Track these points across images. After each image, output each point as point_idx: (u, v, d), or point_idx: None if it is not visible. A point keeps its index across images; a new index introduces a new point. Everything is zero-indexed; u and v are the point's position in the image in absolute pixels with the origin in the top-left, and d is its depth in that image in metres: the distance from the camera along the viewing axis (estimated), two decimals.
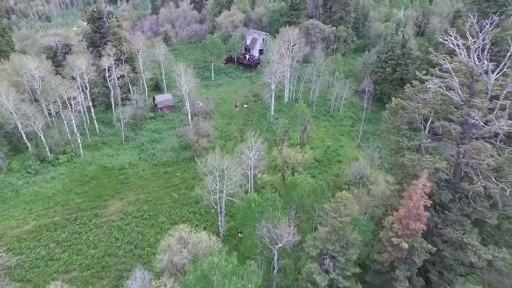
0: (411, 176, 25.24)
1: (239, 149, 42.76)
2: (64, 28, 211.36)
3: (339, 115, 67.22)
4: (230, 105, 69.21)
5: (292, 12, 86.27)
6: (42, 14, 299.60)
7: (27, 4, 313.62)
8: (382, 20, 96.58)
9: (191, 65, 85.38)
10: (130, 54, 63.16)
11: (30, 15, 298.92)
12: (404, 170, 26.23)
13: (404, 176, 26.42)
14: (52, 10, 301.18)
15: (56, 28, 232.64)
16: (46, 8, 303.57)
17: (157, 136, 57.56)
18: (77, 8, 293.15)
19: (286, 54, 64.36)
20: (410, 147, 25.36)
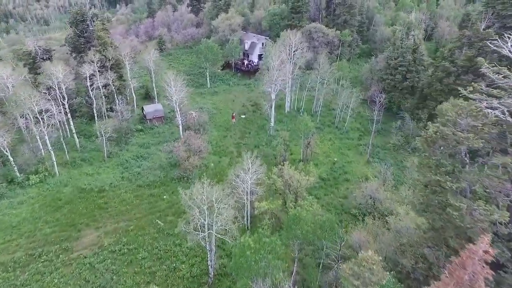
0: (454, 227, 18.92)
1: (233, 173, 36.38)
2: (61, 32, 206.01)
3: (345, 127, 60.87)
4: (226, 116, 62.88)
5: (293, 15, 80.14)
6: (40, 18, 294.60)
7: (26, 8, 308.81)
8: (388, 23, 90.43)
9: (185, 71, 79.50)
10: (117, 61, 56.94)
11: (28, 19, 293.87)
12: (444, 217, 19.80)
13: (444, 223, 20.00)
14: (50, 14, 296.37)
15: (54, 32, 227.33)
16: (44, 12, 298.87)
17: (144, 152, 51.18)
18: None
19: (288, 60, 58.17)
20: (455, 189, 18.89)
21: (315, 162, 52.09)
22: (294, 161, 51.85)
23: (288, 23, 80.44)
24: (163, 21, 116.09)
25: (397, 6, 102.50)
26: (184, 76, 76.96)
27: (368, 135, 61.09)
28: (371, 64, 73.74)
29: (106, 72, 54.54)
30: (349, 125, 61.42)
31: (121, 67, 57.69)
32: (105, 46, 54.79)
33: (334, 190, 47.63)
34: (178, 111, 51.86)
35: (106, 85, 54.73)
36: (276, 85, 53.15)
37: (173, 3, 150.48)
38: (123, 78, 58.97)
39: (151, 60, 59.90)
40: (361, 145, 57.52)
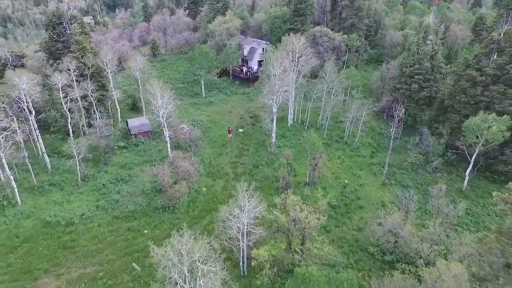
0: None
1: (226, 210, 28.92)
2: None
3: (355, 143, 53.44)
4: (222, 130, 55.45)
5: (296, 18, 73.04)
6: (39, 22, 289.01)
7: (25, 12, 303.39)
8: (398, 27, 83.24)
9: (178, 79, 72.19)
10: (98, 68, 49.69)
11: (27, 23, 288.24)
12: None
13: None
14: None
15: None
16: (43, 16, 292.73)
17: (126, 174, 43.75)
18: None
19: (291, 68, 50.88)
20: None
21: (323, 185, 44.71)
22: (298, 184, 44.51)
23: (291, 27, 73.40)
24: (159, 25, 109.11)
25: (405, 9, 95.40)
26: (178, 84, 70.19)
27: (381, 151, 53.69)
28: (382, 72, 66.46)
29: (85, 81, 47.29)
30: (360, 140, 54.02)
31: (103, 75, 50.41)
32: (84, 52, 47.56)
33: (346, 221, 40.12)
34: (166, 127, 44.52)
35: (85, 96, 47.45)
36: (278, 96, 45.80)
37: (171, 7, 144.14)
38: (105, 88, 51.66)
39: (137, 68, 52.59)
40: (375, 165, 50.04)
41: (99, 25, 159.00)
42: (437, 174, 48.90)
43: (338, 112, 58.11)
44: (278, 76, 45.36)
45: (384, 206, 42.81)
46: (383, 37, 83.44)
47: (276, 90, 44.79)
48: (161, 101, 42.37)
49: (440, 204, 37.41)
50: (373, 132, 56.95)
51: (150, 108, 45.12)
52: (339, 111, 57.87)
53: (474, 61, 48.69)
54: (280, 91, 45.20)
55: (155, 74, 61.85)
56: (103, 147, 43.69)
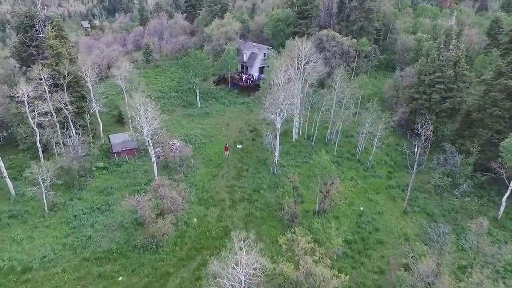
0: None
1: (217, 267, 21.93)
2: None
3: (369, 161, 46.48)
4: (218, 146, 48.53)
5: (300, 20, 66.34)
6: None
7: None
8: (409, 31, 76.42)
9: (172, 87, 65.26)
10: (76, 77, 42.95)
11: None
12: None
13: None
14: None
15: None
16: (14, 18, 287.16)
17: (103, 201, 36.79)
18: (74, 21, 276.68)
19: (296, 77, 44.03)
20: None
21: (335, 214, 37.71)
22: (306, 214, 37.52)
23: (294, 30, 66.72)
24: (155, 29, 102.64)
25: (416, 12, 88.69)
26: (171, 93, 63.35)
27: (399, 170, 46.69)
28: (395, 80, 59.55)
29: (59, 92, 40.54)
30: (374, 157, 47.05)
31: (81, 85, 43.63)
32: (58, 59, 40.81)
33: (364, 260, 33.06)
34: (151, 146, 37.66)
35: (60, 109, 40.66)
36: (283, 110, 38.88)
37: (169, 11, 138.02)
38: (85, 99, 44.83)
39: (121, 76, 45.77)
40: (393, 187, 42.99)
41: (95, 29, 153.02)
42: (465, 198, 41.87)
43: (349, 125, 51.15)
44: (282, 86, 38.50)
45: (408, 241, 35.82)
46: (393, 41, 76.68)
47: (280, 103, 37.88)
48: (145, 116, 35.53)
49: (480, 243, 30.47)
50: (388, 148, 49.95)
51: (135, 123, 38.26)
52: (349, 125, 50.90)
53: (508, 69, 41.79)
54: (284, 103, 38.29)
55: (144, 82, 54.98)
56: (75, 170, 36.72)
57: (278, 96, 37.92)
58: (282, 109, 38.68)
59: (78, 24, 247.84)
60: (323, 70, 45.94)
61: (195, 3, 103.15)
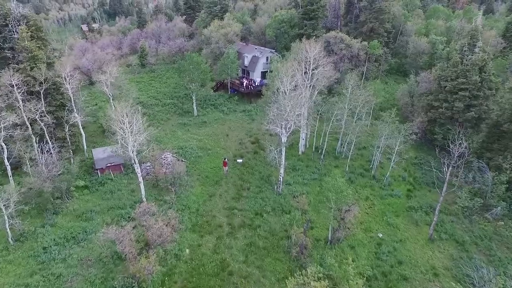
0: None
1: None
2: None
3: (386, 177, 40.95)
4: (216, 160, 43.12)
5: (305, 22, 61.07)
6: None
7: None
8: (421, 33, 71.11)
9: (167, 94, 59.93)
10: (55, 84, 37.67)
11: None
12: None
13: None
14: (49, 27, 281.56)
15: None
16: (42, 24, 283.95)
17: (81, 229, 31.29)
18: (74, 24, 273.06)
19: (303, 83, 38.63)
20: None
21: (350, 243, 32.15)
22: (317, 243, 31.94)
23: (300, 32, 61.45)
24: (153, 32, 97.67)
25: (427, 14, 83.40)
26: (166, 99, 58.03)
27: (419, 189, 41.11)
28: (410, 86, 54.15)
29: (35, 101, 35.26)
30: (391, 173, 41.52)
31: (61, 92, 38.30)
32: (34, 62, 35.56)
33: None
34: (137, 163, 32.30)
35: (34, 120, 35.35)
36: (290, 122, 33.45)
37: (169, 14, 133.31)
38: (67, 108, 39.50)
39: (107, 82, 40.42)
40: (414, 209, 37.35)
41: (93, 32, 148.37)
42: (498, 222, 36.25)
43: (360, 136, 45.64)
44: (289, 95, 33.10)
45: (438, 276, 30.18)
46: (404, 44, 71.30)
47: (286, 114, 32.46)
48: (130, 130, 30.17)
49: None
50: (406, 162, 44.41)
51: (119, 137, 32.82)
52: (362, 135, 45.42)
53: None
54: (291, 114, 32.87)
55: (136, 88, 49.62)
56: (50, 191, 31.28)
57: (285, 105, 32.51)
58: (289, 120, 33.25)
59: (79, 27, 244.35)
60: (334, 75, 40.45)
61: (194, 5, 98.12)
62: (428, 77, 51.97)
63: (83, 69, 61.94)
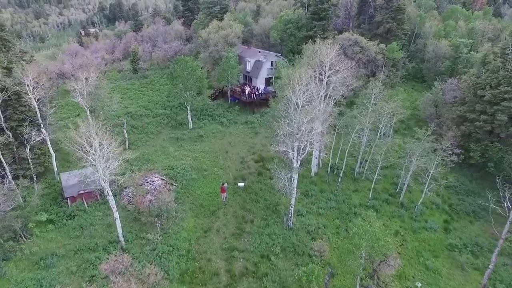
0: None
1: None
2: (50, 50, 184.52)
3: (416, 206, 33.70)
4: (213, 183, 35.93)
5: (315, 22, 54.18)
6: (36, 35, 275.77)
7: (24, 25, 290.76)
8: (440, 35, 64.13)
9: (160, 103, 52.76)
10: (17, 94, 30.65)
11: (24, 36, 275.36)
12: None
13: None
14: (48, 31, 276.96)
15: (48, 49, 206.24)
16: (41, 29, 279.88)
17: (36, 282, 24.01)
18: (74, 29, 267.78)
19: (318, 92, 31.47)
20: None
21: None
22: None
23: (308, 34, 54.60)
24: (149, 35, 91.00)
25: (443, 15, 76.48)
26: (157, 109, 50.93)
27: (458, 219, 33.86)
28: (435, 94, 47.02)
29: None
30: (423, 200, 34.29)
31: (25, 104, 31.24)
32: None
33: None
34: (111, 195, 25.19)
35: None
36: (303, 142, 26.30)
37: (167, 17, 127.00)
38: (31, 122, 32.42)
39: (83, 92, 33.34)
40: (457, 248, 30.02)
41: (89, 36, 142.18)
42: None
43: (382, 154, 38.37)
44: (301, 109, 26.01)
45: None
46: (421, 47, 64.29)
47: (300, 133, 25.34)
48: (101, 155, 23.07)
49: None
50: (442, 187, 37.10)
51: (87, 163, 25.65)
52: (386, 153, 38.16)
53: None
54: (306, 133, 25.73)
55: (119, 98, 42.53)
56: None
57: (298, 122, 25.39)
58: (302, 141, 26.11)
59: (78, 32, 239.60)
60: (354, 82, 33.35)
61: (193, 7, 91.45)
62: (455, 84, 44.95)
63: (66, 75, 55.10)
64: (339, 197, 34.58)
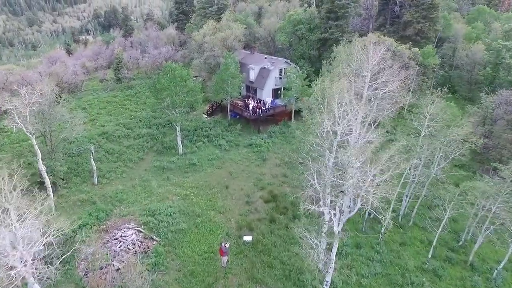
0: None
1: None
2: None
3: (497, 270, 23.74)
4: (209, 236, 25.77)
5: (331, 22, 44.64)
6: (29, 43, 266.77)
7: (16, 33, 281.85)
8: (473, 38, 55.01)
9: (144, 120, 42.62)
10: None
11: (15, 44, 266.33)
12: None
13: None
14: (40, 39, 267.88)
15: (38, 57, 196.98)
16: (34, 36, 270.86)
17: None
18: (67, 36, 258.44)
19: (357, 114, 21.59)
20: None
21: None
22: None
23: (323, 36, 45.16)
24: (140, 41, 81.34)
25: (468, 16, 67.58)
26: (142, 129, 40.82)
27: None
28: (485, 109, 37.48)
29: None
30: (497, 256, 24.37)
31: None
32: None
33: None
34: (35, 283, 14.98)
35: None
36: (349, 193, 16.37)
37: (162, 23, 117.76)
38: None
39: (26, 112, 23.24)
40: None
41: (78, 43, 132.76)
42: None
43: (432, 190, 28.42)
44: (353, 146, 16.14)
45: None
46: (450, 52, 55.06)
47: (348, 185, 15.40)
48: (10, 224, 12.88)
49: None
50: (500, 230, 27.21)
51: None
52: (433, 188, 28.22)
53: None
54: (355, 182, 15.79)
55: (82, 118, 32.24)
56: None
57: (346, 166, 15.50)
58: (348, 192, 16.18)
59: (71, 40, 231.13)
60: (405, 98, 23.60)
61: (187, 10, 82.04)
62: None
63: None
64: (384, 256, 24.60)
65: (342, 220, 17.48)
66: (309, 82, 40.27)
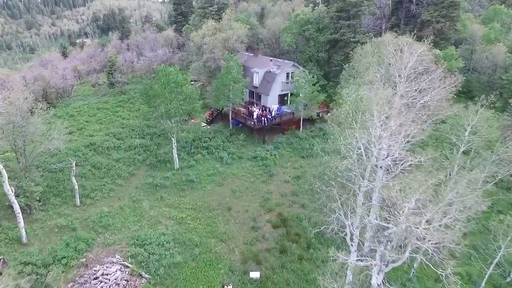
0: None
1: None
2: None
3: None
4: (208, 271, 21.44)
5: (342, 22, 40.55)
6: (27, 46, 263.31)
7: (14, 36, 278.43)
8: (490, 39, 51.04)
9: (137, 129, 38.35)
10: None
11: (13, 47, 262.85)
12: None
13: None
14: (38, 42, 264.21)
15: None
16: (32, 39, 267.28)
17: None
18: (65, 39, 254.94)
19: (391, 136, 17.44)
20: None
21: None
22: None
23: (333, 37, 41.07)
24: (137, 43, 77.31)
25: (483, 17, 63.72)
26: (134, 139, 36.43)
27: None
28: None
29: None
30: None
31: None
32: None
33: None
34: None
35: None
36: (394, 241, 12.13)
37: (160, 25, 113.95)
38: None
39: None
40: None
41: (74, 46, 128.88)
42: None
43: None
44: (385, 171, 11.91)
45: None
46: (467, 54, 51.04)
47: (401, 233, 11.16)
48: None
49: None
50: None
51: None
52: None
53: None
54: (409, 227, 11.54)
55: (62, 130, 27.81)
56: None
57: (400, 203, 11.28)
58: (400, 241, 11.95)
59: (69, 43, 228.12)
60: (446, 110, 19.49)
61: (186, 11, 78.02)
62: None
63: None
64: None
65: (383, 270, 13.25)
66: (319, 87, 36.20)
